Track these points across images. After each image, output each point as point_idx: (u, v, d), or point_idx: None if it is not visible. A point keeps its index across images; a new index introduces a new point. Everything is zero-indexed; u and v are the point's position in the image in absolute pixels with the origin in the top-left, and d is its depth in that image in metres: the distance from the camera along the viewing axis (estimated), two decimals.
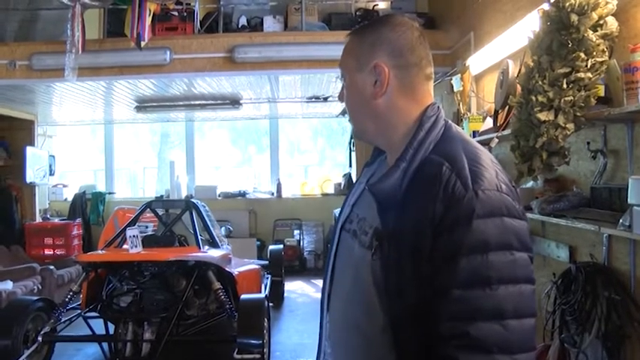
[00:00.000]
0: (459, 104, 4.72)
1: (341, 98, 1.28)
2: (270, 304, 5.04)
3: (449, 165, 1.05)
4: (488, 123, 3.85)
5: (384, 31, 1.20)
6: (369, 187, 1.16)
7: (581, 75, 2.35)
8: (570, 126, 2.39)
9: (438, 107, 1.19)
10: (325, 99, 7.54)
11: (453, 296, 0.98)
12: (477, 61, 4.44)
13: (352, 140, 8.81)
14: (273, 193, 9.45)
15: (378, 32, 1.20)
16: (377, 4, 6.39)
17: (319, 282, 7.93)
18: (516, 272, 1.00)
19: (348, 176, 9.18)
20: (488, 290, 0.97)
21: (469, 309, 0.97)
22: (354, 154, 8.71)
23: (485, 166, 1.07)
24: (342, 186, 9.26)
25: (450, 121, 1.19)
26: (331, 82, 6.47)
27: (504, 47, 3.77)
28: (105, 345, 4.31)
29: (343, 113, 8.06)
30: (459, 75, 4.73)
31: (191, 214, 4.94)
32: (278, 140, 9.94)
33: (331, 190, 9.47)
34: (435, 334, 1.00)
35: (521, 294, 0.99)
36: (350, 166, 9.10)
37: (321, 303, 1.33)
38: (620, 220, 2.13)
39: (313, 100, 7.64)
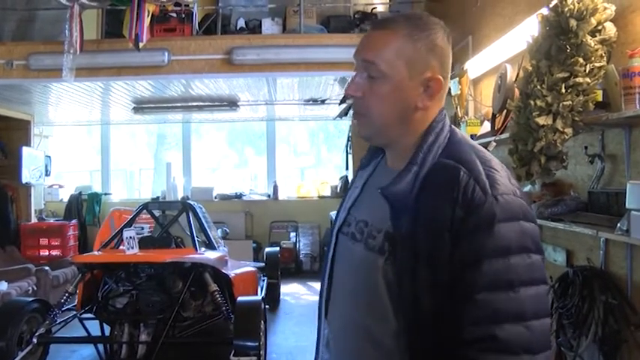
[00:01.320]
0: (456, 108, 4.72)
1: (356, 92, 1.16)
2: (267, 306, 5.03)
3: (466, 170, 1.06)
4: (486, 127, 3.86)
5: (436, 37, 1.14)
6: (381, 191, 1.13)
7: (580, 80, 2.36)
8: (568, 130, 2.40)
9: (445, 113, 1.20)
10: (323, 101, 7.54)
11: (476, 300, 0.99)
12: (475, 64, 4.45)
13: (349, 143, 8.81)
14: (269, 195, 9.44)
15: (432, 38, 1.14)
16: (375, 7, 6.41)
17: (315, 284, 7.95)
18: (534, 274, 1.02)
19: (344, 179, 9.18)
20: (511, 293, 0.99)
21: (494, 312, 0.98)
22: (350, 156, 8.70)
23: (499, 170, 1.09)
24: (339, 188, 9.26)
25: (453, 126, 1.20)
26: (329, 84, 6.47)
27: (503, 51, 3.78)
28: (100, 346, 4.29)
29: (341, 116, 8.04)
30: (457, 79, 4.74)
31: (188, 215, 4.92)
32: (275, 142, 9.94)
33: (328, 193, 9.47)
34: (456, 339, 1.00)
35: (538, 295, 1.02)
36: (347, 168, 9.09)
37: (319, 309, 1.31)
38: (618, 225, 2.13)
39: (311, 102, 7.64)
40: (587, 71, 2.36)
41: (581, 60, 2.36)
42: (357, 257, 1.18)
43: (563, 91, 2.39)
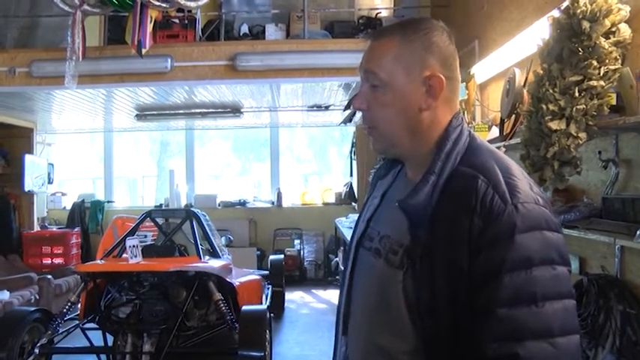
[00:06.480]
0: (463, 113, 4.67)
1: (361, 105, 1.15)
2: (271, 314, 4.97)
3: (484, 178, 1.01)
4: (494, 132, 3.80)
5: (432, 35, 1.11)
6: (399, 204, 1.08)
7: (594, 83, 2.30)
8: (582, 135, 2.33)
9: (462, 117, 1.15)
10: (327, 108, 7.49)
11: (497, 315, 0.93)
12: (482, 69, 4.40)
13: (353, 149, 8.76)
14: (273, 203, 9.39)
15: (427, 37, 1.10)
16: (380, 12, 6.38)
17: (320, 292, 7.89)
18: (560, 287, 0.96)
19: (349, 185, 9.12)
20: (534, 307, 0.93)
21: (516, 328, 0.93)
22: (354, 163, 8.66)
23: (520, 177, 1.03)
24: (343, 195, 9.21)
25: (472, 131, 1.15)
26: (333, 90, 6.42)
27: (510, 55, 3.73)
28: (103, 357, 4.24)
29: (345, 122, 8.00)
30: (464, 83, 4.68)
31: (191, 223, 4.87)
32: (278, 149, 9.89)
33: (332, 200, 9.41)
34: (476, 357, 0.95)
35: (566, 309, 0.96)
36: (351, 175, 9.04)
37: (337, 325, 1.26)
38: (638, 232, 2.06)
39: (315, 108, 7.59)
40: (601, 74, 2.30)
41: (595, 63, 2.30)
42: (378, 273, 1.12)
43: (577, 94, 2.33)
